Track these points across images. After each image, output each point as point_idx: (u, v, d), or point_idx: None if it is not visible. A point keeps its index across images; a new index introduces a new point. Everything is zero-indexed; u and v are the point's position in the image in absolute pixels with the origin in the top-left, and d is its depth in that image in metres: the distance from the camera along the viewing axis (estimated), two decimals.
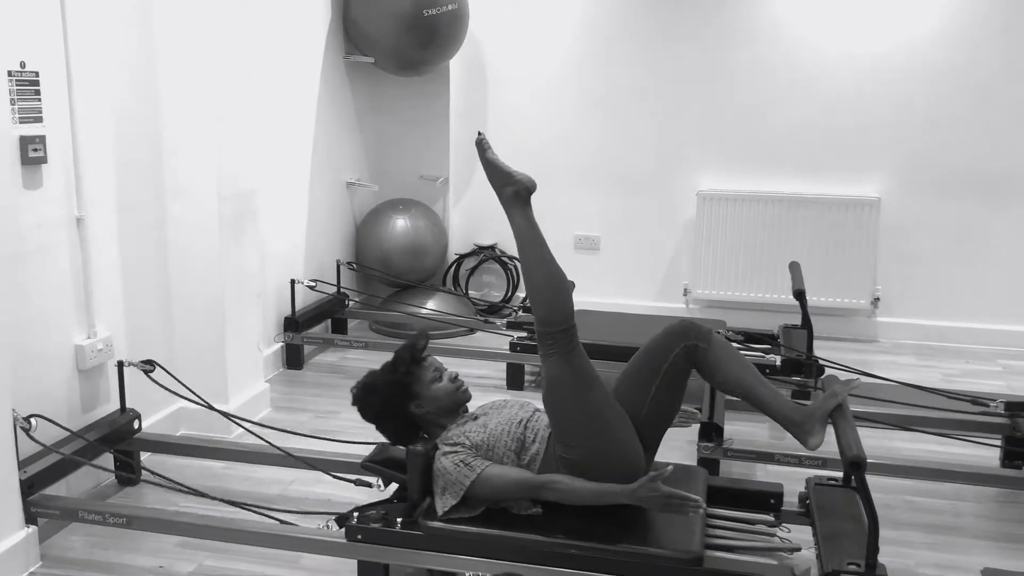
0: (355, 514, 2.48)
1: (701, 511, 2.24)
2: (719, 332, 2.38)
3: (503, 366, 4.22)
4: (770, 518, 2.60)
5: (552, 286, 2.38)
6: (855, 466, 2.11)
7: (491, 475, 2.37)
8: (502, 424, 2.48)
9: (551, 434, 2.46)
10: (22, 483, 2.59)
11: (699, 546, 2.30)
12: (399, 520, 2.44)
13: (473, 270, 5.33)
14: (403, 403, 2.53)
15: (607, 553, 2.31)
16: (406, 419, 2.56)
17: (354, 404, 2.59)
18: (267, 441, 2.99)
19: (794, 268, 4.08)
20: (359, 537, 2.45)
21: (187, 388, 3.12)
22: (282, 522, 2.56)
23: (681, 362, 2.45)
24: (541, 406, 2.61)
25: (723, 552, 2.40)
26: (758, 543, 2.48)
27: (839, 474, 2.75)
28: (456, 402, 2.57)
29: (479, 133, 2.51)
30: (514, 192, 2.45)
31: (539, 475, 2.40)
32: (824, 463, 3.05)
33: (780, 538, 2.51)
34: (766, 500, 2.66)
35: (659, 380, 2.45)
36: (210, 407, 3.11)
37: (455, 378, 2.59)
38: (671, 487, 2.25)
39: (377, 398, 2.55)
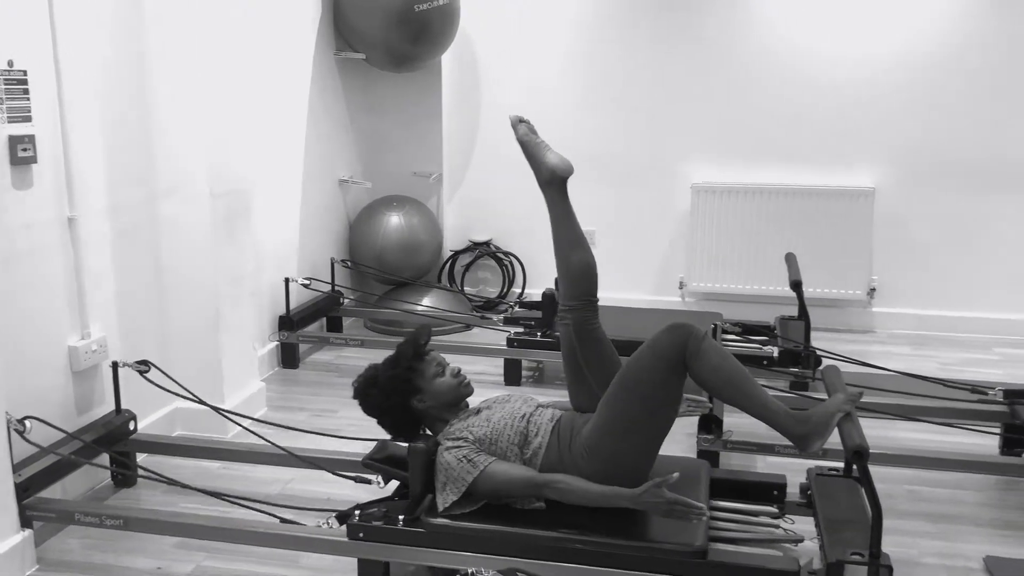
0: (356, 512, 2.46)
1: (706, 517, 2.22)
2: (715, 325, 2.39)
3: (500, 362, 4.20)
4: (773, 510, 2.59)
5: (583, 267, 2.57)
6: (858, 456, 2.10)
7: (495, 472, 2.37)
8: (505, 418, 2.47)
9: (555, 427, 2.46)
10: (17, 486, 2.56)
11: (703, 539, 2.29)
12: (401, 517, 2.43)
13: (468, 266, 5.31)
14: (405, 398, 2.52)
15: (610, 547, 2.30)
16: (408, 414, 2.55)
17: (355, 398, 2.58)
18: (268, 440, 2.97)
19: (790, 259, 4.07)
20: (361, 535, 2.43)
21: (183, 388, 3.09)
22: (283, 520, 2.54)
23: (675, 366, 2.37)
24: (543, 400, 2.62)
25: (727, 544, 2.39)
26: (762, 535, 2.48)
27: (840, 464, 2.74)
28: (458, 397, 2.57)
29: (516, 116, 2.75)
30: (551, 174, 2.64)
31: (543, 474, 2.39)
32: (825, 453, 3.01)
33: (784, 530, 2.51)
34: (769, 491, 2.66)
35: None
36: (215, 408, 3.09)
37: (457, 373, 2.59)
38: (675, 493, 2.23)
39: (379, 392, 2.54)
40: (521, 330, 4.17)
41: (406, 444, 2.49)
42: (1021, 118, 4.66)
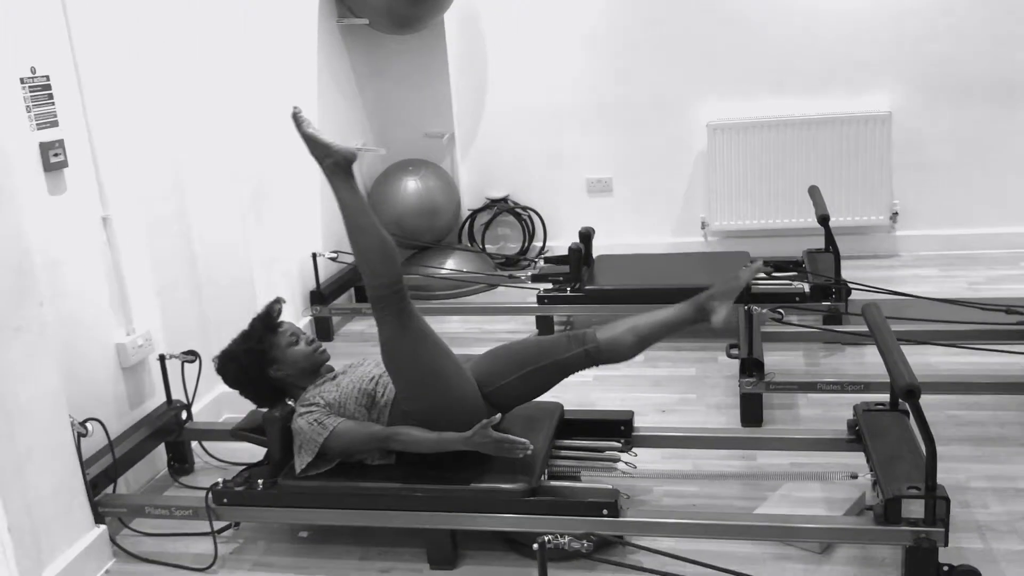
0: (220, 480, 2.64)
1: (530, 451, 2.40)
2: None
3: (531, 319, 4.24)
4: (618, 444, 2.78)
5: (380, 251, 2.50)
6: (910, 394, 2.13)
7: (341, 431, 2.52)
8: (354, 382, 2.63)
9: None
10: (87, 484, 2.64)
11: (535, 479, 2.49)
12: (260, 481, 2.60)
13: (488, 224, 5.32)
14: (261, 369, 2.67)
15: (450, 492, 2.49)
16: (267, 384, 2.70)
17: (217, 372, 2.73)
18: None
19: (815, 193, 4.07)
20: (225, 500, 2.61)
21: None
22: None
23: (581, 360, 2.61)
24: None
25: (562, 481, 2.59)
26: (599, 468, 2.70)
27: (885, 397, 2.78)
28: (314, 363, 2.72)
29: (295, 107, 2.61)
30: (334, 163, 2.55)
31: (386, 428, 2.54)
32: (866, 387, 3.08)
33: (626, 462, 2.72)
34: (617, 427, 2.83)
35: (543, 364, 2.59)
36: None
37: (312, 341, 2.75)
38: (504, 432, 2.42)
39: (235, 366, 2.69)
40: (550, 286, 4.20)
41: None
42: None
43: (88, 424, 2.66)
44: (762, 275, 4.04)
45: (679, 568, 2.09)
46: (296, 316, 4.21)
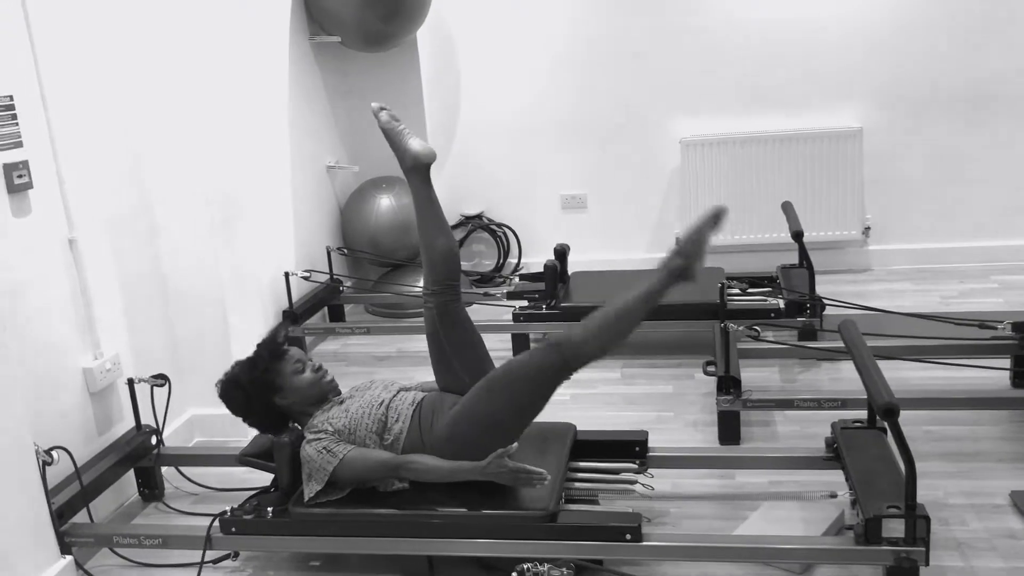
0: (228, 509, 2.55)
1: (546, 481, 2.36)
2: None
3: (506, 337, 4.21)
4: (634, 465, 2.73)
5: (443, 254, 2.64)
6: (889, 413, 2.13)
7: (353, 459, 2.47)
8: (363, 407, 2.56)
9: (416, 411, 2.55)
10: (52, 514, 2.56)
11: (555, 503, 2.42)
12: (270, 509, 2.52)
13: (462, 241, 5.29)
14: (267, 397, 2.60)
15: (467, 519, 2.41)
16: (272, 411, 2.64)
17: (220, 398, 2.65)
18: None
19: (788, 208, 4.08)
20: (233, 529, 2.52)
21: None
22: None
23: (554, 361, 2.42)
24: (406, 383, 2.73)
25: (581, 505, 2.55)
26: (617, 490, 2.65)
27: (863, 414, 2.78)
28: (320, 391, 2.66)
29: (376, 104, 2.69)
30: (412, 163, 2.66)
31: (398, 456, 2.49)
32: (843, 403, 3.08)
33: (643, 484, 2.66)
34: (631, 448, 2.78)
35: (516, 378, 2.46)
36: None
37: (318, 368, 2.67)
38: (519, 462, 2.36)
39: (241, 394, 2.62)
40: (526, 303, 4.17)
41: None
42: (1001, 47, 4.66)
43: (54, 452, 2.59)
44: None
45: None
46: None
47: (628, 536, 2.33)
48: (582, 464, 2.76)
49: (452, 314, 2.65)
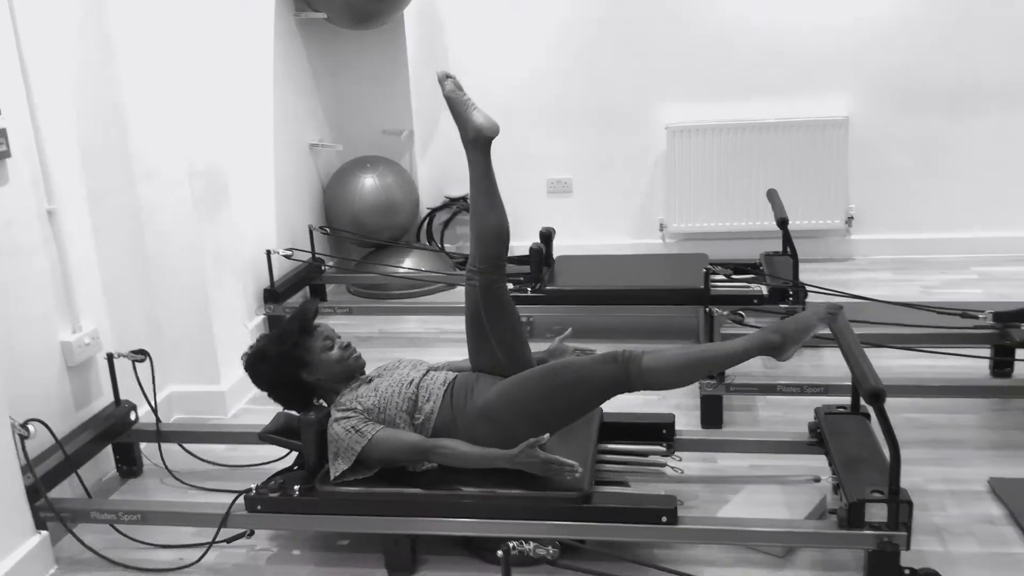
0: (253, 486, 2.51)
1: (578, 473, 2.30)
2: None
3: None
4: (662, 448, 2.73)
5: (495, 232, 2.58)
6: (876, 397, 2.13)
7: (382, 439, 2.42)
8: (393, 386, 2.52)
9: (448, 390, 2.51)
10: (28, 488, 2.52)
11: (589, 485, 2.38)
12: (296, 487, 2.48)
13: (447, 223, 5.26)
14: (294, 372, 2.56)
15: (499, 499, 2.38)
16: (299, 387, 2.59)
17: (246, 371, 2.61)
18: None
19: (773, 196, 4.08)
20: (259, 507, 2.48)
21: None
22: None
23: (617, 376, 2.39)
24: (437, 361, 2.69)
25: (612, 487, 2.52)
26: (647, 473, 2.65)
27: (845, 400, 2.79)
28: (348, 369, 2.61)
29: (441, 71, 2.61)
30: (473, 136, 2.59)
31: (428, 439, 2.45)
32: (826, 389, 3.08)
33: (671, 467, 2.66)
34: (659, 431, 2.77)
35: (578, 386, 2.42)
36: None
37: (347, 346, 2.62)
38: (549, 453, 2.32)
39: (268, 367, 2.58)
40: (511, 286, 4.14)
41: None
42: (989, 39, 4.67)
43: (30, 425, 2.55)
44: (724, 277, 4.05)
45: (641, 572, 2.06)
46: (249, 314, 4.11)
47: (664, 519, 2.31)
48: (610, 446, 2.74)
49: (496, 293, 2.57)
